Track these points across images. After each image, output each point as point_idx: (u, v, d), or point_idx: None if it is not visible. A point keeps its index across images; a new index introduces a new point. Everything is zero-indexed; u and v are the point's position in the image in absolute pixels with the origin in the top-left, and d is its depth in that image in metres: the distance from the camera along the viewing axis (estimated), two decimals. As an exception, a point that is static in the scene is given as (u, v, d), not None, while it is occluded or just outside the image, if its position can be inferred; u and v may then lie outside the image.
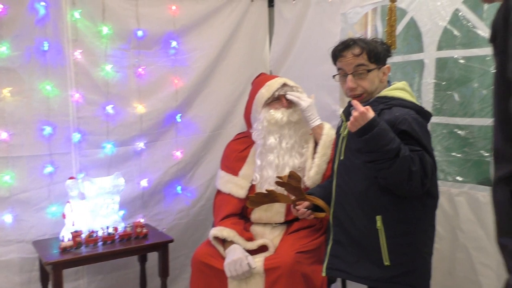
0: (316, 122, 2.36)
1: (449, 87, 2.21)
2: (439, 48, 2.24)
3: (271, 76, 2.58)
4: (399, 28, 2.39)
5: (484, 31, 2.07)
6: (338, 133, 1.98)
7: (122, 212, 2.73)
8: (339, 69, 1.89)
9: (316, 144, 2.39)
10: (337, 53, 1.87)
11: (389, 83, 1.90)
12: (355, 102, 1.67)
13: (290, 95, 2.36)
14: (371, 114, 1.61)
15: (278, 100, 2.39)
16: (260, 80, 2.52)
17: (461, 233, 2.13)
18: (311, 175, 2.29)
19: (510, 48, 0.75)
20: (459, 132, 2.18)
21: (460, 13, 2.15)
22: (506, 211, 0.83)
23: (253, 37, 3.28)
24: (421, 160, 1.63)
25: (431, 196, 1.78)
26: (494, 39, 0.88)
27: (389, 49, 1.91)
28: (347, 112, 1.87)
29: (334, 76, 1.94)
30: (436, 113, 2.22)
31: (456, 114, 2.19)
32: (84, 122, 2.70)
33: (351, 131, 1.67)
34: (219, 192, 2.51)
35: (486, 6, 2.20)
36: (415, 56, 2.37)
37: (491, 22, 0.91)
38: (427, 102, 2.25)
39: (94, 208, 2.55)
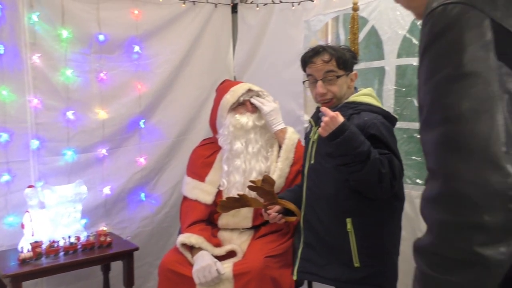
0: (279, 126, 2.39)
1: (408, 93, 2.31)
2: (399, 55, 2.34)
3: (235, 82, 2.60)
4: (361, 36, 2.47)
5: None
6: (307, 138, 2.02)
7: (84, 221, 2.65)
8: (308, 75, 1.94)
9: (280, 148, 2.42)
10: (307, 60, 1.92)
11: (355, 89, 1.96)
12: (324, 109, 1.72)
13: (254, 100, 2.39)
14: (340, 118, 1.66)
15: (243, 105, 2.41)
16: (224, 86, 2.53)
17: (422, 234, 2.21)
18: (274, 178, 2.31)
19: (420, 77, 0.81)
20: (419, 136, 2.27)
21: (418, 23, 2.25)
22: None
23: (217, 43, 3.29)
24: (390, 162, 1.69)
25: (398, 199, 1.85)
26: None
27: (355, 56, 1.98)
28: (316, 118, 1.91)
29: (304, 82, 1.98)
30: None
31: (416, 119, 2.28)
32: (43, 128, 2.60)
33: (322, 136, 1.71)
34: (185, 198, 2.49)
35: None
36: (376, 63, 2.46)
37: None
38: (388, 107, 2.33)
39: (55, 217, 2.46)
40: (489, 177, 0.70)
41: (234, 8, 3.34)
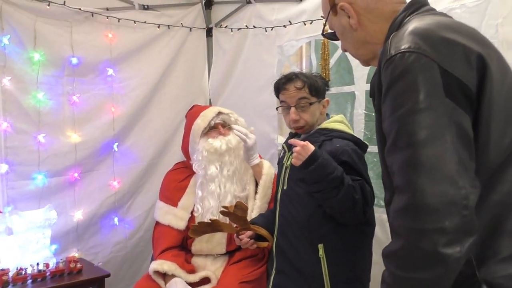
0: (256, 160, 2.35)
1: (378, 118, 2.36)
2: (369, 81, 2.39)
3: (204, 107, 2.59)
4: (332, 61, 2.53)
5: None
6: (280, 163, 2.04)
7: (54, 247, 2.59)
8: (282, 101, 1.97)
9: (256, 183, 2.39)
10: (280, 86, 1.95)
11: (327, 115, 1.99)
12: (293, 140, 1.77)
13: (237, 132, 2.29)
14: (311, 146, 1.69)
15: (214, 128, 2.40)
16: (194, 112, 2.51)
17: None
18: (253, 216, 2.29)
19: (385, 111, 0.97)
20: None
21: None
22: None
23: (192, 66, 3.31)
24: (362, 188, 1.73)
25: (369, 224, 1.88)
26: (372, 96, 1.12)
27: (327, 83, 2.02)
28: (289, 143, 1.94)
29: (277, 108, 2.01)
30: (367, 142, 2.34)
31: (386, 143, 2.33)
32: (12, 152, 2.55)
33: (296, 165, 1.73)
34: (158, 223, 2.46)
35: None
36: (346, 88, 2.52)
37: (370, 87, 1.14)
38: (358, 131, 2.38)
39: (23, 243, 2.40)
40: (446, 190, 0.85)
41: (209, 32, 3.38)
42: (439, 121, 0.88)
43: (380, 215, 2.29)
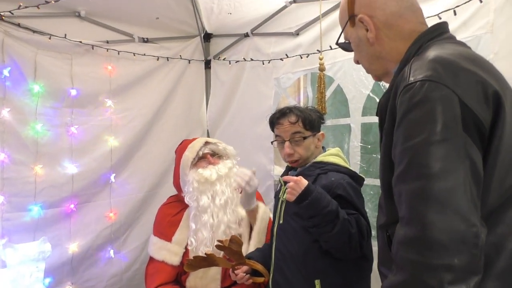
0: (253, 205, 2.27)
1: (374, 150, 2.37)
2: (364, 113, 2.41)
3: (192, 139, 2.53)
4: (328, 93, 2.56)
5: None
6: (276, 197, 2.03)
7: (48, 280, 2.56)
8: (277, 135, 1.98)
9: (251, 228, 2.34)
10: (275, 121, 1.97)
11: (324, 148, 2.00)
12: (287, 177, 1.76)
13: (239, 181, 2.16)
14: (304, 181, 1.69)
15: (203, 158, 2.38)
16: (182, 146, 2.49)
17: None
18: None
19: (398, 137, 0.95)
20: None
21: (381, 83, 2.35)
22: (385, 248, 1.09)
23: (190, 98, 3.35)
24: (357, 222, 1.71)
25: (366, 259, 1.85)
26: (380, 116, 1.11)
27: (322, 116, 2.02)
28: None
29: (272, 142, 2.03)
30: (363, 174, 2.33)
31: (382, 175, 2.33)
32: (9, 183, 2.54)
33: (290, 201, 1.73)
34: (152, 259, 2.40)
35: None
36: (342, 121, 2.54)
37: (378, 105, 1.12)
38: (354, 164, 2.38)
39: (16, 277, 2.36)
40: (457, 227, 0.83)
41: (207, 64, 3.43)
42: (454, 154, 0.87)
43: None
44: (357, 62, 1.26)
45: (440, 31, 1.10)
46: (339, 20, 1.26)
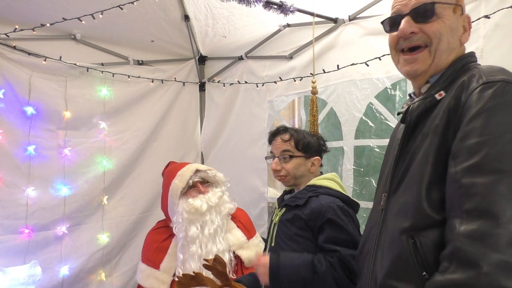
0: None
1: (367, 173, 2.37)
2: (357, 136, 2.43)
3: (181, 164, 2.49)
4: (321, 116, 2.58)
5: (394, 123, 2.28)
6: (271, 220, 2.02)
7: (37, 305, 2.51)
8: (270, 152, 2.01)
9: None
10: (270, 138, 2.00)
11: (322, 174, 2.00)
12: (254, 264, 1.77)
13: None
14: (264, 258, 1.69)
15: (193, 187, 2.34)
16: (170, 170, 2.45)
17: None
18: None
19: (471, 131, 0.94)
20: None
21: (373, 106, 2.37)
22: (404, 257, 1.02)
23: (184, 120, 3.36)
24: (341, 260, 1.67)
25: (354, 284, 1.82)
26: (411, 129, 1.12)
27: (323, 143, 2.00)
28: (281, 200, 1.95)
29: (266, 158, 2.05)
30: (356, 197, 2.35)
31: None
32: (0, 205, 2.52)
33: (267, 284, 1.71)
34: (140, 287, 2.37)
35: (397, 98, 2.45)
36: (335, 143, 2.54)
37: (408, 112, 1.13)
38: (347, 187, 2.38)
39: (5, 302, 2.33)
40: None
41: (202, 87, 3.45)
42: None
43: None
44: (410, 33, 1.15)
45: (476, 59, 1.16)
46: None
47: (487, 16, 1.84)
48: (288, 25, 2.82)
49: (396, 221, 1.07)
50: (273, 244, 1.90)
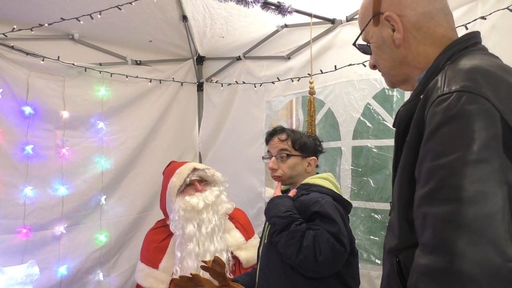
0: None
1: (365, 173, 2.39)
2: (354, 137, 2.44)
3: (180, 163, 2.50)
4: (319, 117, 2.59)
5: (391, 123, 2.29)
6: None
7: (35, 304, 2.51)
8: (268, 151, 2.02)
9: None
10: (267, 138, 2.02)
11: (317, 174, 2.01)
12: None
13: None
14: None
15: (191, 185, 2.34)
16: (170, 169, 2.46)
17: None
18: None
19: (427, 152, 0.85)
20: (376, 216, 2.33)
21: (371, 107, 2.38)
22: (392, 275, 0.98)
23: (182, 120, 3.36)
24: (316, 236, 1.67)
25: (352, 278, 1.81)
26: (400, 127, 1.01)
27: (319, 144, 2.02)
28: None
29: (263, 157, 2.06)
30: (354, 197, 2.36)
31: (373, 199, 2.34)
32: (-2, 205, 2.53)
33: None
34: (138, 286, 2.37)
35: (395, 98, 2.46)
36: (333, 144, 2.55)
37: (397, 116, 1.03)
38: (345, 187, 2.39)
39: (2, 302, 2.32)
40: (491, 259, 0.73)
41: (200, 87, 3.46)
42: (492, 178, 0.77)
43: (369, 271, 2.27)
44: (373, 66, 1.14)
45: (474, 41, 1.00)
46: (359, 18, 1.13)
47: (483, 17, 1.85)
48: (286, 26, 2.83)
49: (387, 237, 1.04)
50: (265, 241, 1.92)
